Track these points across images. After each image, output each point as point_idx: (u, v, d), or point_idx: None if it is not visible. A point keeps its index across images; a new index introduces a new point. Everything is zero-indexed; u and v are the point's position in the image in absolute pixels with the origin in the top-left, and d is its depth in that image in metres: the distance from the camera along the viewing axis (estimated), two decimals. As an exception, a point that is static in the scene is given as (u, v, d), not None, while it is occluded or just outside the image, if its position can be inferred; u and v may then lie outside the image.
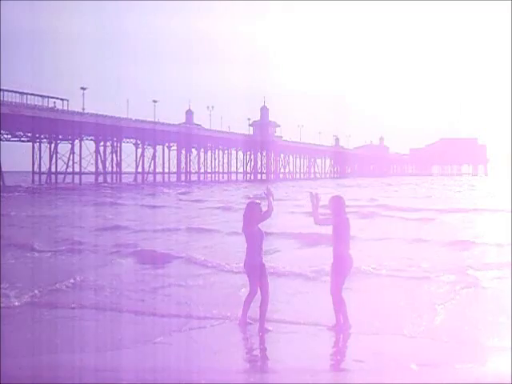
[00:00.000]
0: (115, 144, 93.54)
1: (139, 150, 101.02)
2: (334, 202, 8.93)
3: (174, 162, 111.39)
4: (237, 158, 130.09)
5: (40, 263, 14.50)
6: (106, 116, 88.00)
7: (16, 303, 10.19)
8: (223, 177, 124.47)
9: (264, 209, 8.97)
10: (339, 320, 8.76)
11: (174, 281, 12.20)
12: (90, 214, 31.30)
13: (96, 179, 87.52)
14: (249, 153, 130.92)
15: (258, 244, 8.86)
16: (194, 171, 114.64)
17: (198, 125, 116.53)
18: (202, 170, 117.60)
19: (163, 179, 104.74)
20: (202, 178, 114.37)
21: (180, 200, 45.76)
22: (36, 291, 10.82)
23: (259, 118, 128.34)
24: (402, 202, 38.59)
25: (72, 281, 11.78)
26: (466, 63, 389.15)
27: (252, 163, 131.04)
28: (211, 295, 10.89)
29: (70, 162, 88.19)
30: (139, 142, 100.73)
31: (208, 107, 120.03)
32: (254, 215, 8.90)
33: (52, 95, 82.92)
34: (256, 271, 8.85)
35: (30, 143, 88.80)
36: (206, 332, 8.65)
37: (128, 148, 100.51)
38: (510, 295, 10.36)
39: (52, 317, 9.49)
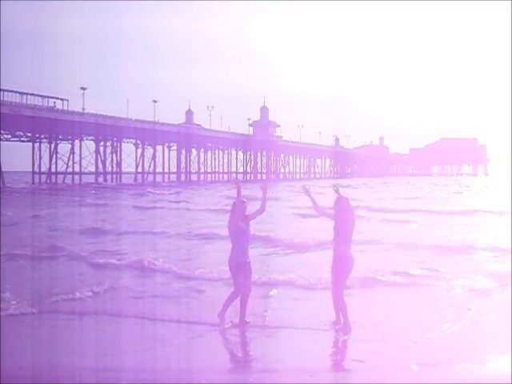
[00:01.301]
0: (115, 144, 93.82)
1: (139, 150, 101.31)
2: (339, 203, 8.98)
3: (174, 162, 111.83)
4: (237, 158, 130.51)
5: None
6: (105, 116, 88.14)
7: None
8: (223, 177, 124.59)
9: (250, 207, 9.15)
10: (339, 318, 8.79)
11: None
12: (61, 215, 30.97)
13: (96, 179, 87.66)
14: (249, 153, 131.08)
15: (243, 243, 8.93)
16: (193, 171, 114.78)
17: (197, 125, 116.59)
18: (202, 170, 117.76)
19: (163, 179, 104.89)
20: (202, 178, 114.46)
21: (169, 201, 45.02)
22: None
23: (259, 118, 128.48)
24: (390, 203, 38.05)
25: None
26: (466, 62, 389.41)
27: (252, 163, 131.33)
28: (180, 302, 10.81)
29: (70, 162, 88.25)
30: (139, 142, 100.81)
31: (208, 107, 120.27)
32: (237, 212, 9.01)
33: (52, 95, 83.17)
34: (241, 270, 8.89)
35: (30, 143, 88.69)
36: (200, 337, 8.63)
37: (128, 148, 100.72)
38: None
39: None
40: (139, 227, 23.93)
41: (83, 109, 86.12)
